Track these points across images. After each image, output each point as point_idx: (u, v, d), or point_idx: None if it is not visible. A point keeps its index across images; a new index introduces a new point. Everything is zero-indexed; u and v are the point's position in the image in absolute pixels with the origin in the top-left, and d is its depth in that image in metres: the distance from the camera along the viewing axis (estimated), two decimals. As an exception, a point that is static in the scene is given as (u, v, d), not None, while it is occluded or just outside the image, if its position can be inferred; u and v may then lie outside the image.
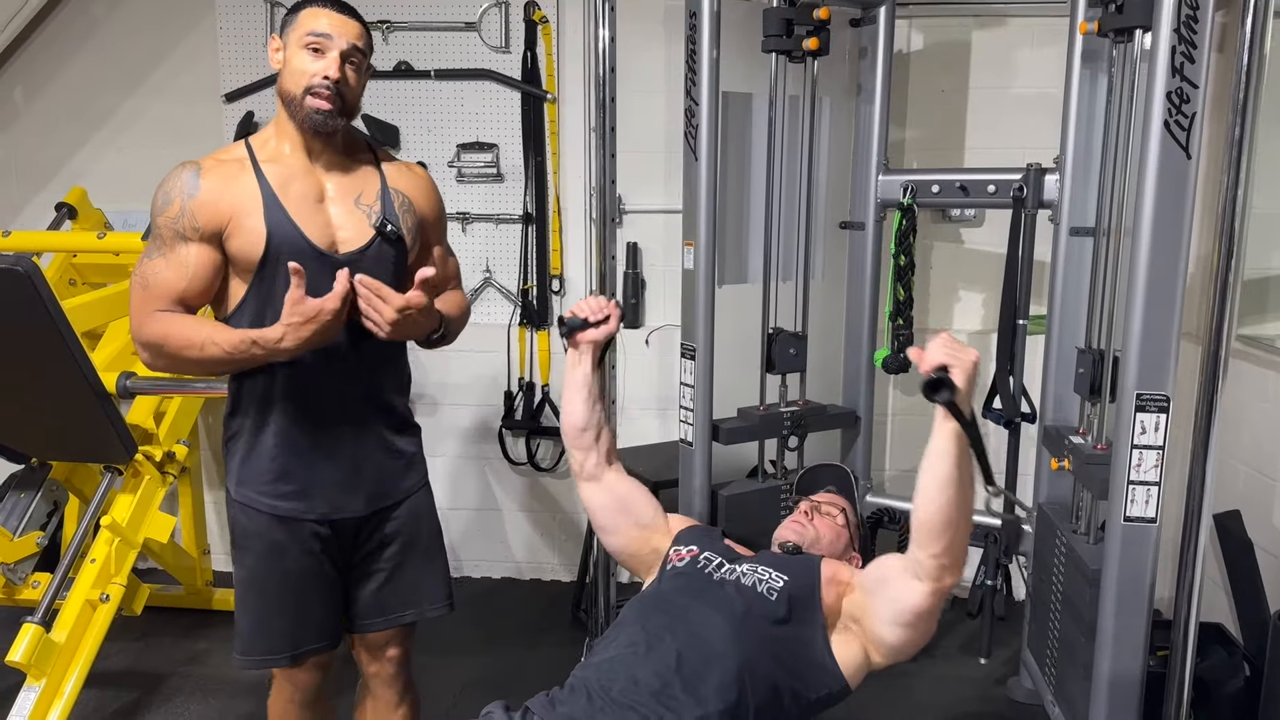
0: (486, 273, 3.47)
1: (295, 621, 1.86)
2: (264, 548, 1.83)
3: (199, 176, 1.72)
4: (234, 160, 1.76)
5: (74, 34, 3.45)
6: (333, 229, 1.78)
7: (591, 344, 1.96)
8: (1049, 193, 2.56)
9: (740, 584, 1.75)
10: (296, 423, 1.79)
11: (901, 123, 3.25)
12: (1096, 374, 2.36)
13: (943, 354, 1.50)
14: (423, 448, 1.99)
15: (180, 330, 1.70)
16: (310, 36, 1.72)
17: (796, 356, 2.75)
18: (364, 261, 1.78)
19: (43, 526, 2.77)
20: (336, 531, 1.86)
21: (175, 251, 1.72)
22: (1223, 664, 2.50)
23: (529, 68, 3.33)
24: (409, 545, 1.93)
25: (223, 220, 1.71)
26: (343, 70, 1.73)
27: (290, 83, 1.73)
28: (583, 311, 1.94)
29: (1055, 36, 2.55)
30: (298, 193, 1.75)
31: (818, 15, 2.57)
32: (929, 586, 1.59)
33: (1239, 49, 1.89)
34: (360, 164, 1.86)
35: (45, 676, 2.31)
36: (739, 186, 2.71)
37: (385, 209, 1.83)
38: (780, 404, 2.79)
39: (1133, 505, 2.10)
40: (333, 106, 1.72)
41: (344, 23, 1.75)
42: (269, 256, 1.71)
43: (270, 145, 1.79)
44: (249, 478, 1.81)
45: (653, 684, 1.56)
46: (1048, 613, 2.54)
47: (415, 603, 1.96)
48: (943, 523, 1.54)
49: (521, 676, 2.95)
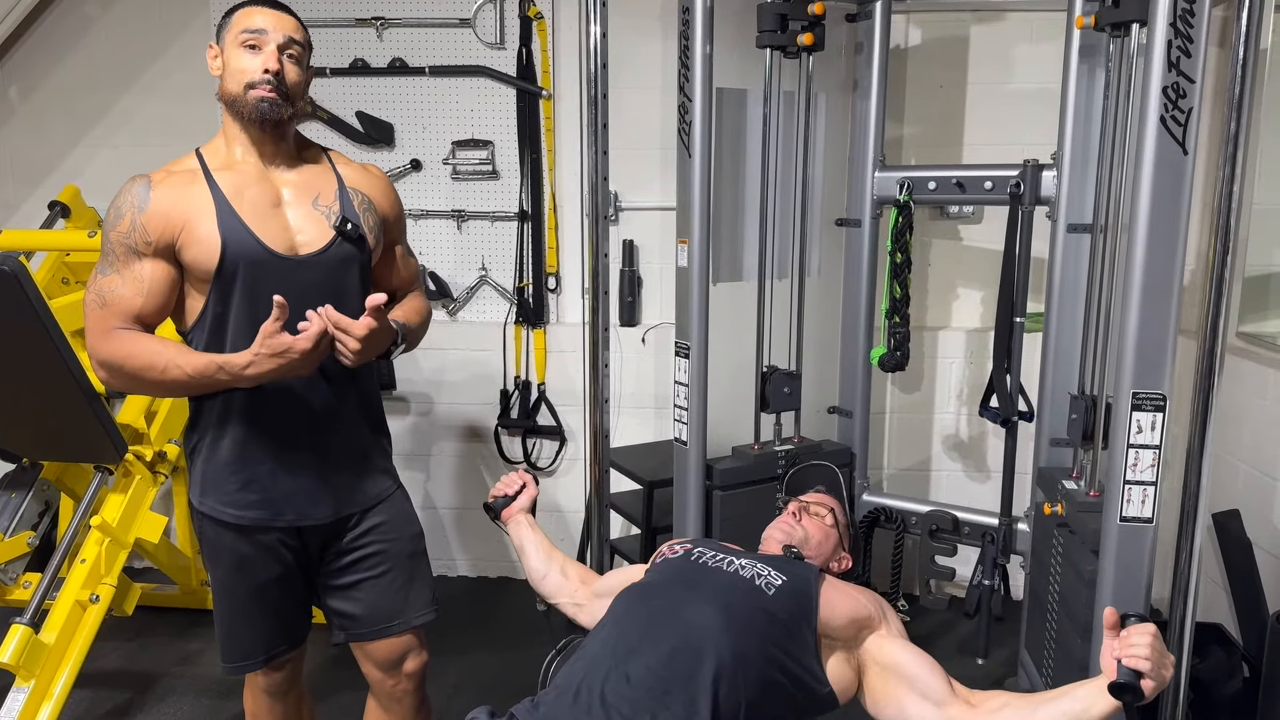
0: (482, 270, 3.45)
1: (266, 629, 1.88)
2: (232, 561, 1.82)
3: (149, 189, 1.70)
4: (185, 171, 1.74)
5: (68, 32, 3.44)
6: (291, 232, 1.76)
7: (520, 511, 2.09)
8: (1046, 189, 2.53)
9: (739, 575, 1.72)
10: (259, 431, 1.77)
11: (899, 119, 3.23)
12: (1089, 420, 2.35)
13: (1144, 661, 1.39)
14: (392, 454, 1.97)
15: (141, 352, 1.67)
16: (245, 34, 1.71)
17: (790, 395, 2.76)
18: (325, 262, 1.76)
19: (34, 526, 2.76)
20: (304, 539, 1.85)
21: (130, 268, 1.69)
22: (1221, 665, 2.47)
23: (524, 64, 3.31)
24: (389, 552, 1.91)
25: (174, 232, 1.69)
26: (281, 62, 1.72)
27: (231, 83, 1.73)
28: (501, 490, 2.11)
29: (1054, 31, 2.53)
30: (252, 198, 1.73)
31: (813, 10, 2.55)
32: None
33: (1234, 43, 1.87)
34: (315, 166, 1.85)
35: (34, 677, 2.30)
36: (734, 183, 2.70)
37: (344, 208, 1.81)
38: (775, 441, 2.80)
39: (1129, 505, 2.08)
40: (275, 95, 1.71)
41: (278, 18, 1.74)
42: (225, 265, 1.69)
43: (221, 153, 1.77)
44: (213, 488, 1.79)
45: (645, 679, 1.53)
46: (1045, 613, 2.52)
47: (401, 611, 1.93)
48: None
49: (516, 676, 2.92)
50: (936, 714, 1.58)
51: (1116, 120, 2.29)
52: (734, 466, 2.72)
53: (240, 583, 1.83)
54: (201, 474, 1.80)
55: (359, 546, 1.88)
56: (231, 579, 1.84)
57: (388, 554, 1.90)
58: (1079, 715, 1.45)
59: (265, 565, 1.82)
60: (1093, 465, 2.36)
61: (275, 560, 1.83)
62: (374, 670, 1.96)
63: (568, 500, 3.56)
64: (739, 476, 2.71)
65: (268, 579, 1.83)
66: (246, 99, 1.71)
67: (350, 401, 1.85)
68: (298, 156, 1.83)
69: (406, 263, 2.01)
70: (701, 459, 2.63)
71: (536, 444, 3.55)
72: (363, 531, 1.88)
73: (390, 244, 1.93)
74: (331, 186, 1.83)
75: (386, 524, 1.91)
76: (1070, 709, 1.47)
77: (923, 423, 3.43)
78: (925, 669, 1.64)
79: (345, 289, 1.79)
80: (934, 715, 1.59)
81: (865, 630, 1.70)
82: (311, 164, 1.85)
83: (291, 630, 1.93)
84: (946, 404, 3.40)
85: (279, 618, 1.89)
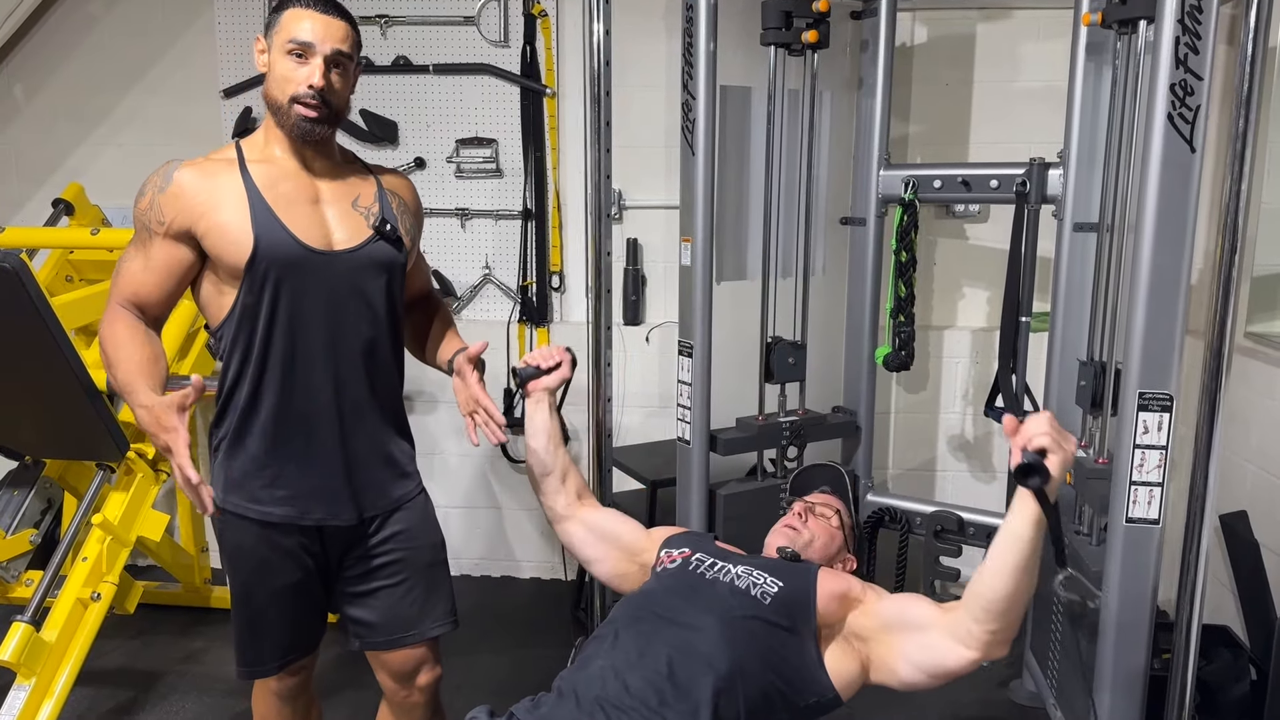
0: (486, 269, 3.44)
1: (283, 635, 1.86)
2: (254, 564, 1.79)
3: (176, 170, 1.68)
4: (221, 160, 1.72)
5: (72, 31, 3.44)
6: (328, 228, 1.74)
7: (545, 391, 1.98)
8: (1053, 188, 2.52)
9: (734, 586, 1.72)
10: (287, 427, 1.75)
11: (905, 117, 3.21)
12: (1098, 386, 2.32)
13: (1044, 438, 1.42)
14: (415, 458, 1.95)
15: (111, 336, 1.68)
16: (292, 43, 1.66)
17: (795, 366, 2.73)
18: (359, 259, 1.75)
19: (36, 524, 2.76)
20: (326, 543, 1.83)
21: (144, 246, 1.69)
22: (1228, 667, 2.46)
23: (528, 62, 3.30)
24: (409, 563, 1.88)
25: (193, 217, 1.66)
26: (328, 77, 1.68)
27: (276, 90, 1.69)
28: (534, 360, 1.99)
29: (1062, 29, 2.51)
30: (288, 193, 1.71)
31: (817, 8, 2.54)
32: (975, 655, 1.55)
33: (1242, 40, 1.85)
34: (354, 172, 1.84)
35: (35, 676, 2.30)
36: (737, 182, 2.68)
37: (384, 209, 1.81)
38: (779, 413, 2.77)
39: (1135, 506, 2.07)
40: (319, 115, 1.68)
41: (327, 24, 1.68)
42: (257, 259, 1.66)
43: (260, 147, 1.75)
44: (239, 484, 1.76)
45: (644, 690, 1.53)
46: (1050, 614, 2.50)
47: (418, 622, 1.89)
48: (1008, 606, 1.51)
49: (519, 676, 2.93)
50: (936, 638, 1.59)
51: (1123, 118, 2.27)
52: (738, 437, 2.68)
53: (261, 587, 1.80)
54: (225, 471, 1.77)
55: (379, 554, 1.86)
56: (252, 583, 1.80)
57: (407, 563, 1.87)
58: (1014, 538, 1.48)
59: (286, 569, 1.80)
60: (1102, 433, 2.32)
61: (296, 564, 1.80)
62: (387, 679, 1.94)
63: (571, 499, 3.55)
64: (742, 446, 2.68)
65: (287, 583, 1.80)
66: (290, 113, 1.68)
67: (375, 402, 1.83)
68: (338, 161, 1.82)
69: (424, 268, 2.02)
70: (705, 459, 2.61)
71: (540, 443, 3.54)
72: (384, 538, 1.86)
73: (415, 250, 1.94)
74: (371, 189, 1.82)
75: (407, 531, 1.88)
76: (1003, 540, 1.50)
77: (928, 422, 3.42)
78: (908, 605, 1.68)
79: (376, 289, 1.78)
80: (936, 640, 1.59)
81: (851, 606, 1.70)
82: (351, 168, 1.84)
83: (308, 636, 1.90)
84: (952, 404, 3.39)
85: (296, 623, 1.86)
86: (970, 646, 1.55)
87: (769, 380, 2.72)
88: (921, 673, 1.61)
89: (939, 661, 1.58)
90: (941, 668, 1.58)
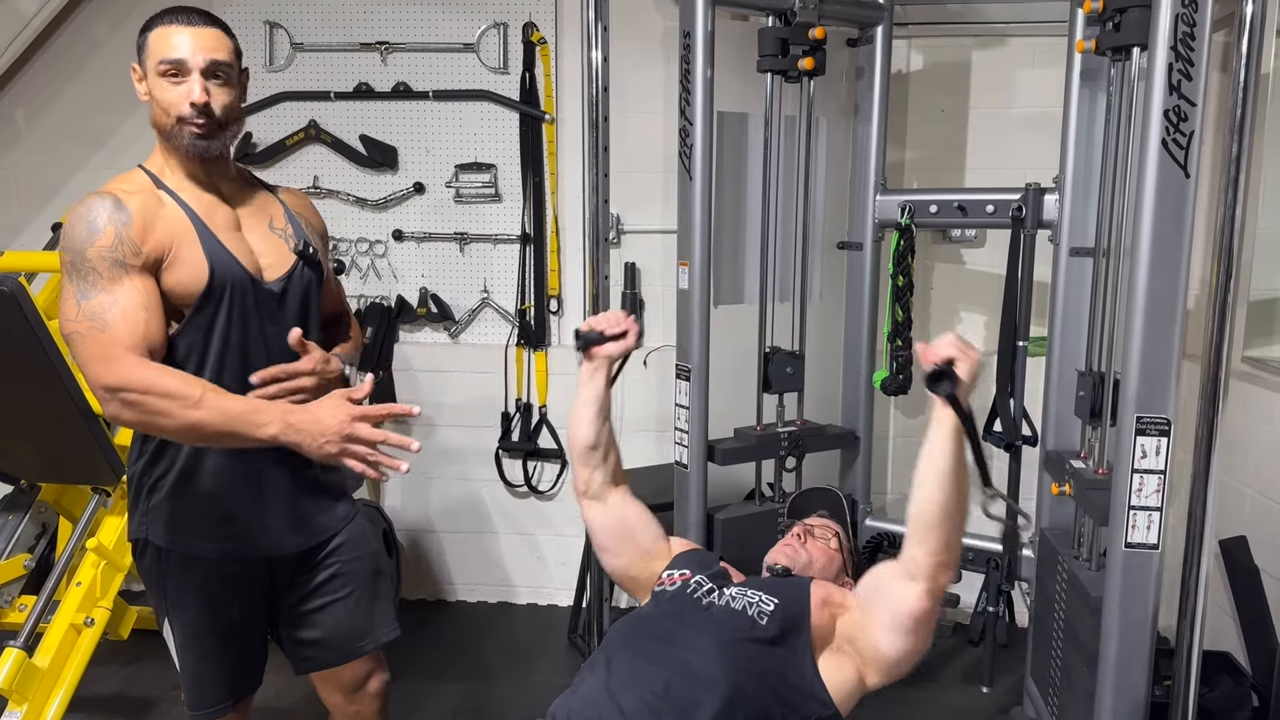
0: (484, 293, 3.45)
1: (234, 672, 1.84)
2: (202, 601, 1.76)
3: (123, 203, 1.59)
4: (145, 190, 1.64)
5: (75, 56, 3.46)
6: (255, 256, 1.72)
7: (606, 359, 1.89)
8: (1049, 212, 2.53)
9: (730, 608, 1.71)
10: (240, 464, 1.71)
11: (901, 143, 3.23)
12: (1097, 397, 2.32)
13: (949, 348, 1.51)
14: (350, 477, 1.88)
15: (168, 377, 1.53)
16: (164, 63, 1.60)
17: (793, 376, 2.72)
18: (292, 286, 1.75)
19: (31, 549, 2.74)
20: (274, 572, 1.82)
21: (120, 285, 1.55)
22: (1230, 694, 2.44)
23: (527, 88, 3.32)
24: (354, 575, 1.88)
25: (163, 249, 1.60)
26: (208, 90, 1.61)
27: (159, 115, 1.64)
28: (600, 324, 1.88)
29: (1057, 56, 2.53)
30: (221, 221, 1.68)
31: (813, 35, 2.55)
32: (924, 586, 1.57)
33: (1235, 67, 1.86)
34: (258, 190, 1.82)
35: (27, 702, 2.27)
36: (734, 207, 2.69)
37: (298, 232, 1.79)
38: (778, 424, 2.76)
39: (1134, 531, 2.05)
40: (205, 130, 1.63)
41: (196, 35, 1.61)
42: (212, 289, 1.63)
43: (170, 175, 1.68)
44: (188, 525, 1.72)
45: (639, 711, 1.52)
46: (1050, 641, 2.49)
47: (369, 630, 1.90)
48: (939, 517, 1.53)
49: (515, 702, 2.90)
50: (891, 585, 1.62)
51: (1118, 144, 2.28)
52: (736, 446, 2.67)
53: (209, 624, 1.77)
54: (170, 511, 1.72)
55: (323, 570, 1.86)
56: (199, 621, 1.77)
57: (352, 575, 1.88)
58: (935, 447, 1.52)
59: (234, 603, 1.78)
60: (1100, 444, 2.32)
61: (244, 597, 1.79)
62: (337, 696, 1.93)
63: (568, 524, 3.54)
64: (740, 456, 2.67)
65: (236, 618, 1.79)
66: (181, 134, 1.62)
67: None
68: (237, 178, 1.78)
69: (337, 281, 2.01)
70: (703, 483, 2.60)
71: (538, 467, 3.54)
72: (326, 555, 1.86)
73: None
74: (279, 209, 1.81)
75: (348, 544, 1.88)
76: (926, 451, 1.54)
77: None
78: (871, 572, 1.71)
79: (307, 315, 1.78)
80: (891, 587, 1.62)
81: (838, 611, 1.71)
82: (254, 187, 1.81)
83: (256, 670, 1.89)
84: (950, 428, 3.37)
85: (245, 659, 1.84)
86: (916, 576, 1.57)
87: (767, 390, 2.71)
88: (894, 633, 1.61)
89: (898, 607, 1.60)
90: (904, 613, 1.59)
